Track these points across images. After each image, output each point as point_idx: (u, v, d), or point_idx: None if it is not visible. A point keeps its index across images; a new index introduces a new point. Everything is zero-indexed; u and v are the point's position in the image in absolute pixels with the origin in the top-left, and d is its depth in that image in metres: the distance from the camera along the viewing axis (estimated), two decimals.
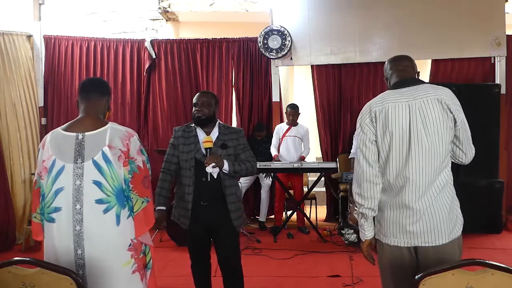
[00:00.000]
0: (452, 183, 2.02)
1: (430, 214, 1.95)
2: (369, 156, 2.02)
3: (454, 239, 1.98)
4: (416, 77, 2.13)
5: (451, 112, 1.95)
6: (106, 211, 1.93)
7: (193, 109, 2.86)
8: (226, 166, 2.73)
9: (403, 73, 2.10)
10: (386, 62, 2.21)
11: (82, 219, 1.91)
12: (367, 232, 2.08)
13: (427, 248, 1.96)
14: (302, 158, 5.64)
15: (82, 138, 1.97)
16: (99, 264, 1.92)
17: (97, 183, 1.93)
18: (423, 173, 1.94)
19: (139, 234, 2.02)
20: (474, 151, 2.05)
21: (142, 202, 2.01)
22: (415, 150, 1.95)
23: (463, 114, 1.99)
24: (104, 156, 1.94)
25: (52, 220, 1.94)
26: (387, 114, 1.98)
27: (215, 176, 2.75)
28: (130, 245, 1.99)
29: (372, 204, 2.02)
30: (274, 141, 5.74)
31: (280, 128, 5.75)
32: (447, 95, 1.98)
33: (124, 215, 1.97)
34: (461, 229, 2.02)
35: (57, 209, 1.93)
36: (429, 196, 1.95)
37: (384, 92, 2.10)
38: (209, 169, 2.70)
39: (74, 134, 1.98)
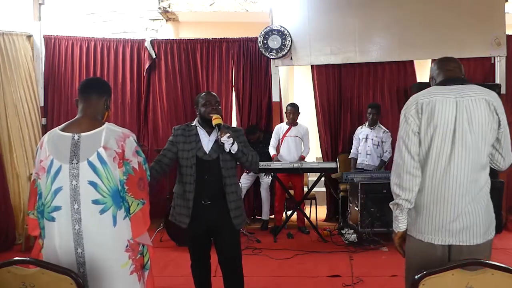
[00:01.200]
0: (489, 185, 2.03)
1: (469, 212, 1.96)
2: (411, 147, 2.01)
3: (488, 240, 2.00)
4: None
5: (497, 114, 1.97)
6: (102, 212, 1.94)
7: (204, 109, 2.82)
8: (235, 146, 2.72)
9: (451, 73, 2.11)
10: (433, 63, 2.24)
11: (81, 218, 1.92)
12: (401, 224, 2.08)
13: (462, 247, 1.97)
14: (302, 158, 5.63)
15: (78, 139, 1.97)
16: (99, 263, 1.93)
17: (93, 184, 1.93)
18: (464, 170, 1.95)
19: (137, 235, 2.02)
20: (511, 159, 2.07)
21: (138, 204, 2.00)
22: (458, 147, 1.95)
23: (506, 118, 2.01)
24: (99, 157, 1.94)
25: (52, 219, 1.95)
26: (434, 107, 1.98)
27: (227, 149, 2.70)
28: (127, 246, 1.99)
29: (410, 196, 2.01)
30: (273, 141, 5.73)
31: (280, 128, 5.75)
32: (494, 97, 2.00)
33: (121, 216, 1.97)
34: (494, 231, 2.04)
35: (57, 208, 1.93)
36: (469, 195, 1.96)
37: (431, 87, 2.10)
38: (224, 139, 2.67)
39: (70, 134, 1.98)
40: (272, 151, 5.69)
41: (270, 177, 5.66)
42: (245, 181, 5.73)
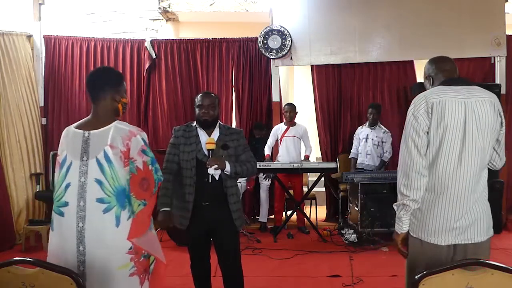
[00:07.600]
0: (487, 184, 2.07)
1: (475, 210, 1.98)
2: (421, 146, 1.99)
3: (489, 238, 2.03)
4: None
5: (500, 116, 2.01)
6: (106, 211, 1.93)
7: (198, 111, 2.82)
8: (228, 168, 2.72)
9: (450, 73, 2.11)
10: (428, 62, 2.22)
11: (85, 216, 1.93)
12: (405, 225, 2.06)
13: (467, 246, 1.98)
14: (306, 158, 5.63)
15: (87, 136, 2.01)
16: (99, 262, 1.93)
17: (99, 182, 1.94)
18: (473, 171, 1.97)
19: (132, 237, 1.96)
20: (505, 159, 2.12)
21: (139, 205, 1.98)
22: (468, 148, 1.96)
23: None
24: (106, 155, 1.96)
25: (61, 214, 1.97)
26: (444, 107, 1.97)
27: (217, 178, 2.74)
28: (130, 248, 1.96)
29: (417, 196, 1.99)
30: (270, 141, 5.72)
31: (278, 128, 5.73)
32: (496, 99, 2.04)
33: (125, 216, 1.95)
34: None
35: (66, 204, 1.96)
36: (475, 194, 1.99)
37: (437, 87, 2.08)
38: (211, 170, 2.69)
39: (82, 131, 2.03)
40: (267, 151, 5.68)
41: (269, 181, 5.66)
42: (244, 180, 5.72)
